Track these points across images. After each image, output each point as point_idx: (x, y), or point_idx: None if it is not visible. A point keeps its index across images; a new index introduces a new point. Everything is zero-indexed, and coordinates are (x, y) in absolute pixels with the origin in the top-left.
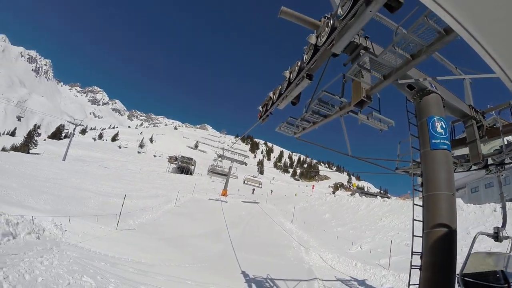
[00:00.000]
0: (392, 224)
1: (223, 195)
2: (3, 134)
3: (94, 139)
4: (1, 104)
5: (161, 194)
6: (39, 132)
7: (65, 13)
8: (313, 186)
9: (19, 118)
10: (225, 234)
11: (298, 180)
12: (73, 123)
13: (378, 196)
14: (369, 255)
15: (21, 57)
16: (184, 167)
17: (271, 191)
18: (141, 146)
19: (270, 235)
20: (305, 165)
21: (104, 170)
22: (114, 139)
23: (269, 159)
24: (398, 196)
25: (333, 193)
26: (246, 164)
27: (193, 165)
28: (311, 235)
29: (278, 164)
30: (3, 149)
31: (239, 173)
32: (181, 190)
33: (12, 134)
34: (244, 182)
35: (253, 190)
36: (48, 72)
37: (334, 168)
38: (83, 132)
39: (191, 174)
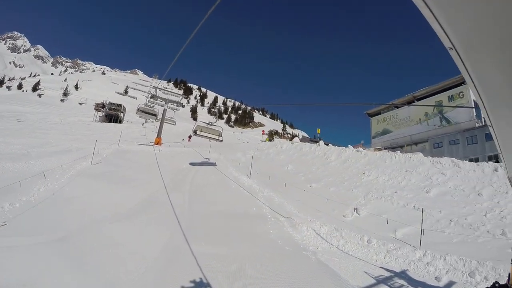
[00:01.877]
0: (381, 180)
1: (157, 144)
2: None
3: (9, 88)
4: None
5: (76, 147)
6: None
7: None
8: (263, 131)
9: None
10: (165, 204)
11: (233, 126)
12: None
13: (349, 145)
14: (372, 223)
15: None
16: (112, 114)
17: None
18: (65, 94)
19: (227, 198)
20: (240, 112)
21: (16, 124)
22: (35, 88)
23: (202, 104)
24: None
25: (269, 140)
26: (183, 106)
27: (122, 112)
28: (282, 196)
29: (212, 110)
30: None
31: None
32: (106, 140)
33: None
34: (195, 133)
35: (190, 137)
36: None
37: (268, 116)
38: (0, 83)
39: (120, 122)
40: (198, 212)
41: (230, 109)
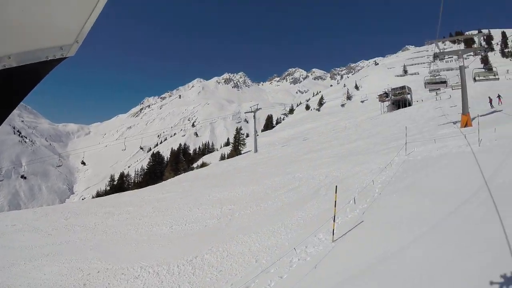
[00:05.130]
0: None
1: (465, 126)
2: (220, 147)
3: (291, 112)
4: (220, 124)
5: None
6: (244, 133)
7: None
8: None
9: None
10: None
11: None
12: (252, 111)
13: None
14: None
15: (218, 84)
16: (398, 100)
17: None
18: (348, 98)
19: None
20: None
21: (301, 143)
22: (320, 103)
23: (492, 49)
24: None
25: None
26: (489, 50)
27: (408, 93)
28: None
29: (506, 50)
30: (202, 165)
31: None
32: (396, 135)
33: (227, 144)
34: None
35: (498, 97)
36: (245, 81)
37: None
38: (291, 111)
39: (409, 104)
40: None
41: None
